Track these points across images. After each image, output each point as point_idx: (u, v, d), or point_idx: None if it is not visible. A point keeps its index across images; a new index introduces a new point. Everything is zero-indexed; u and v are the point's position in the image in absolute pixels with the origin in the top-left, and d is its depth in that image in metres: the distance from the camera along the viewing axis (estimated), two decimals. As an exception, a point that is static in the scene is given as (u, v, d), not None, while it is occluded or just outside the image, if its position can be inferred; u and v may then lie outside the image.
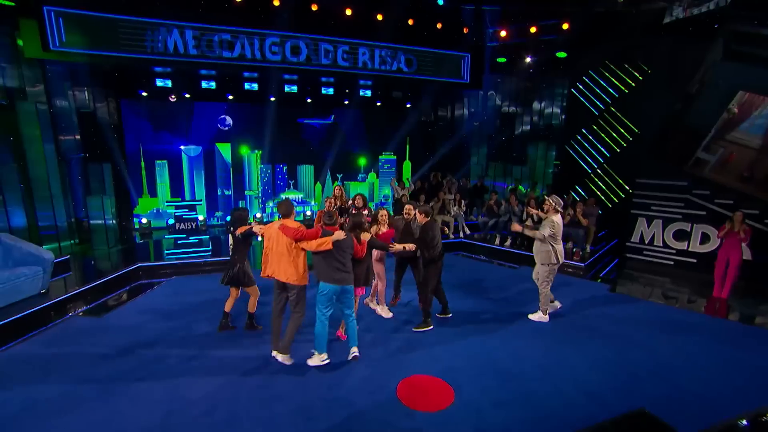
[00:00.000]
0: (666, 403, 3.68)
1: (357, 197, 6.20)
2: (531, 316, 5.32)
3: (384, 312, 5.34)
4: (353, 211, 6.03)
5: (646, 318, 5.58)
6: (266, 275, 4.15)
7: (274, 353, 4.20)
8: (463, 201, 10.26)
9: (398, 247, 4.48)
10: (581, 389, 3.88)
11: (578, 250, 8.15)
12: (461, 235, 9.79)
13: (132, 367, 4.18)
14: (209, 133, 12.12)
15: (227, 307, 4.93)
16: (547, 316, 5.32)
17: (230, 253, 4.77)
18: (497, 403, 3.65)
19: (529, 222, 8.74)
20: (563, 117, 11.99)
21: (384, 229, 4.94)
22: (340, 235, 3.91)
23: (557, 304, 5.66)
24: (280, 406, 3.59)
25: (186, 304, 5.90)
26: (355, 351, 4.29)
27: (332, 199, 6.39)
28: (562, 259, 5.10)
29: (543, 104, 12.56)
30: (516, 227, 5.22)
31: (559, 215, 5.20)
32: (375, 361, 4.35)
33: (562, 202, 5.29)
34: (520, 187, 11.32)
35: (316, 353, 4.16)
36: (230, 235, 4.66)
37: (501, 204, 9.50)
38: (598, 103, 10.89)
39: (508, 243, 9.12)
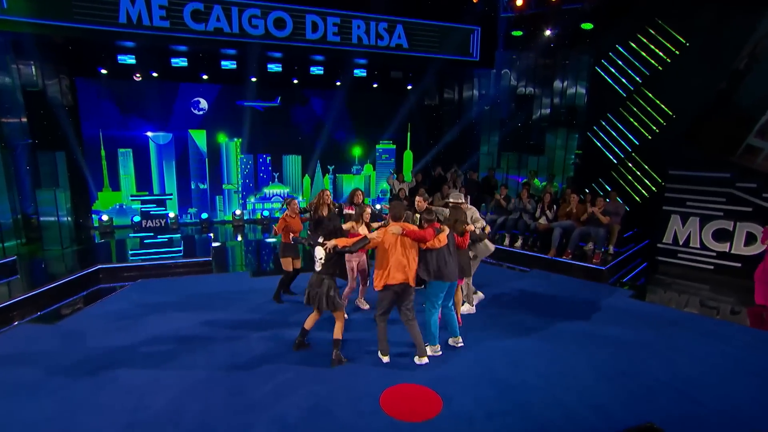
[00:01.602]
0: (680, 419, 3.82)
1: (357, 192, 6.55)
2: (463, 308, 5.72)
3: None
4: (348, 210, 6.39)
5: (670, 327, 5.77)
6: (385, 285, 4.42)
7: (417, 359, 4.65)
8: (469, 197, 10.45)
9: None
10: (585, 401, 4.09)
11: (599, 252, 8.35)
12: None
13: (90, 376, 4.41)
14: (181, 118, 12.37)
15: (308, 325, 4.81)
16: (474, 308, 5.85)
17: (317, 270, 4.55)
18: (490, 414, 3.87)
19: (543, 220, 8.96)
20: (586, 99, 12.17)
21: (359, 228, 5.29)
22: (446, 230, 4.52)
23: (480, 295, 6.31)
24: (253, 415, 3.82)
25: (152, 309, 6.14)
26: (459, 340, 5.03)
27: (323, 197, 6.23)
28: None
29: (565, 84, 12.73)
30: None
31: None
32: (359, 369, 4.59)
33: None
34: (536, 180, 11.47)
35: (429, 345, 4.82)
36: (317, 249, 4.52)
37: (510, 200, 9.71)
38: (626, 82, 11.00)
39: (518, 243, 9.32)
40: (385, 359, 4.70)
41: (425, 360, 4.67)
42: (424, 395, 4.12)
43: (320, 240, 4.53)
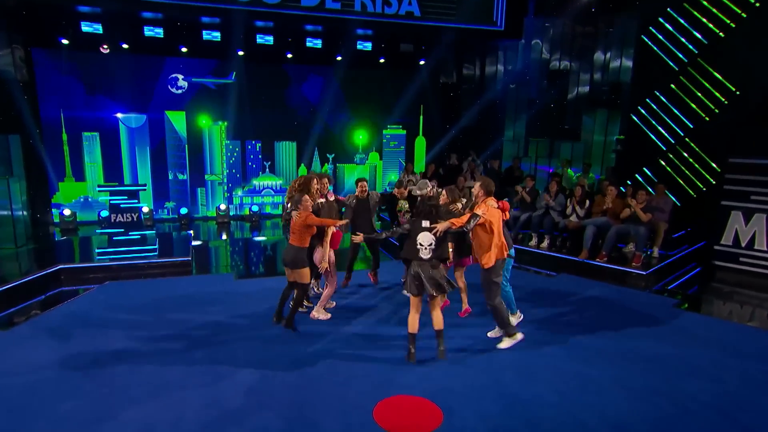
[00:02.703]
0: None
1: (362, 183, 6.96)
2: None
3: (322, 314, 6.16)
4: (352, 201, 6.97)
5: (720, 343, 5.85)
6: (497, 259, 5.22)
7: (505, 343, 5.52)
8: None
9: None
10: (607, 420, 4.23)
11: (639, 254, 8.43)
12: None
13: (48, 386, 4.67)
14: (156, 97, 12.70)
15: (414, 328, 5.09)
16: None
17: (425, 258, 4.93)
18: (495, 431, 4.06)
19: (574, 218, 9.07)
20: (632, 74, 12.19)
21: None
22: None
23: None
24: (231, 427, 4.05)
25: (121, 313, 6.42)
26: (519, 315, 6.13)
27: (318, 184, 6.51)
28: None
29: (607, 56, 12.77)
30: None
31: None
32: (352, 378, 4.82)
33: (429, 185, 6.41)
34: (569, 171, 11.53)
35: (513, 315, 5.96)
36: (423, 235, 4.95)
37: (537, 194, 9.84)
38: (679, 53, 10.99)
39: (545, 244, 9.45)
40: (520, 336, 5.55)
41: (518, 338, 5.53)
42: (422, 408, 4.33)
43: (426, 224, 4.99)
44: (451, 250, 5.85)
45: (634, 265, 8.32)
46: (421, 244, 4.97)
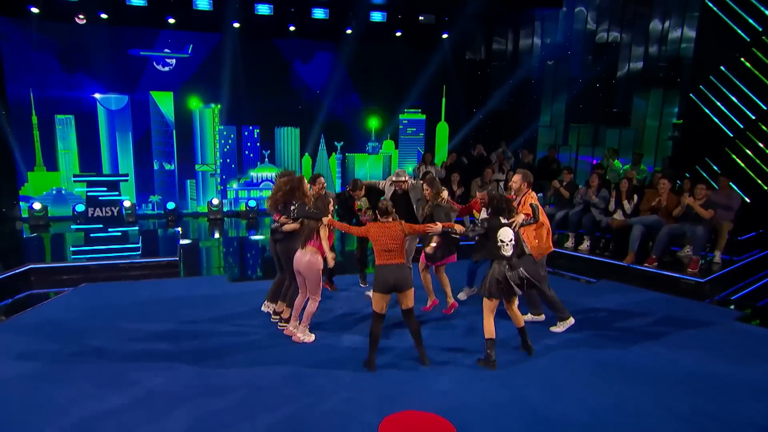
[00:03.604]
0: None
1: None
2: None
3: (307, 337, 6.02)
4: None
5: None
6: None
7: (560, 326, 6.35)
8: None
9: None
10: (646, 444, 4.27)
11: (697, 259, 8.37)
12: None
13: (18, 399, 4.80)
14: (140, 75, 12.92)
15: (490, 331, 5.40)
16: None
17: (507, 255, 5.31)
18: (516, 453, 4.13)
19: (619, 216, 9.04)
20: (694, 47, 12.05)
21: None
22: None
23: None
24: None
25: (99, 319, 6.55)
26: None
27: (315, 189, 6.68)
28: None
29: (665, 26, 12.62)
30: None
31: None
32: (357, 391, 4.89)
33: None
34: (616, 162, 11.46)
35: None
36: (504, 231, 5.33)
37: (576, 188, 9.77)
38: (752, 21, 10.78)
39: (584, 246, 9.44)
40: (571, 320, 6.33)
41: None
42: (433, 424, 4.40)
43: (504, 221, 5.37)
44: (434, 245, 6.14)
45: (690, 272, 8.24)
46: (502, 241, 5.30)
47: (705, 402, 4.90)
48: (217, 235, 12.14)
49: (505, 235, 5.30)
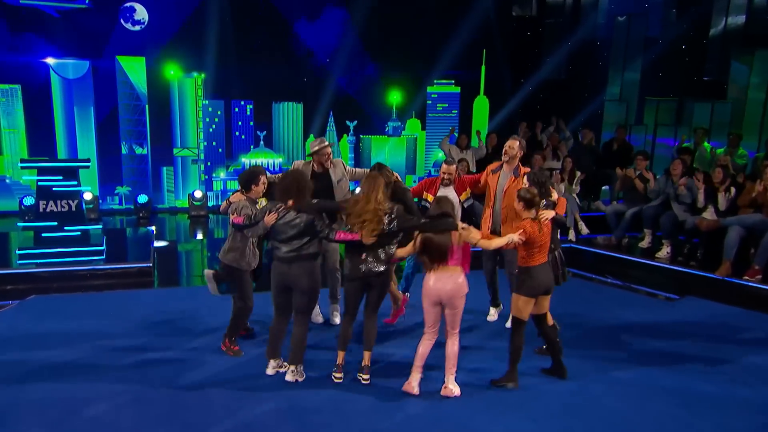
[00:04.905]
0: None
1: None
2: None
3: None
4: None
5: None
6: None
7: None
8: (578, 173, 10.42)
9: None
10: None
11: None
12: (571, 236, 9.99)
13: None
14: (105, 36, 12.88)
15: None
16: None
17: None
18: None
19: (709, 214, 8.79)
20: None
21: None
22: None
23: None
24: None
25: (53, 339, 6.43)
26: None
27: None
28: None
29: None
30: None
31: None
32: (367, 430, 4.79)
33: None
34: (706, 144, 11.21)
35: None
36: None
37: (653, 179, 9.59)
38: None
39: (664, 253, 9.18)
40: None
41: None
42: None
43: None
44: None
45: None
46: None
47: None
48: (200, 236, 12.09)
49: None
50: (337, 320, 6.87)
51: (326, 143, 6.66)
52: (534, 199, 5.34)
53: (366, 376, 5.47)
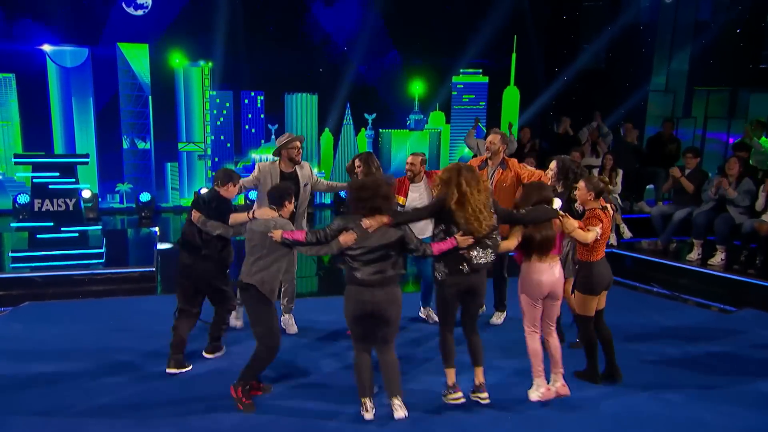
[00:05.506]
0: None
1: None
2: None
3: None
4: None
5: None
6: None
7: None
8: (621, 171, 10.35)
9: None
10: None
11: None
12: (612, 240, 9.87)
13: None
14: (104, 21, 12.92)
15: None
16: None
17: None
18: None
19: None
20: None
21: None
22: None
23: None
24: None
25: (49, 349, 6.42)
26: None
27: None
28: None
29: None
30: None
31: None
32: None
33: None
34: (764, 140, 11.05)
35: None
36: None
37: (706, 178, 9.55)
38: None
39: (718, 260, 9.09)
40: None
41: None
42: None
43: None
44: None
45: None
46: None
47: None
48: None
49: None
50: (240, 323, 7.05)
51: (295, 136, 6.76)
52: (603, 187, 5.53)
53: (484, 395, 5.44)
